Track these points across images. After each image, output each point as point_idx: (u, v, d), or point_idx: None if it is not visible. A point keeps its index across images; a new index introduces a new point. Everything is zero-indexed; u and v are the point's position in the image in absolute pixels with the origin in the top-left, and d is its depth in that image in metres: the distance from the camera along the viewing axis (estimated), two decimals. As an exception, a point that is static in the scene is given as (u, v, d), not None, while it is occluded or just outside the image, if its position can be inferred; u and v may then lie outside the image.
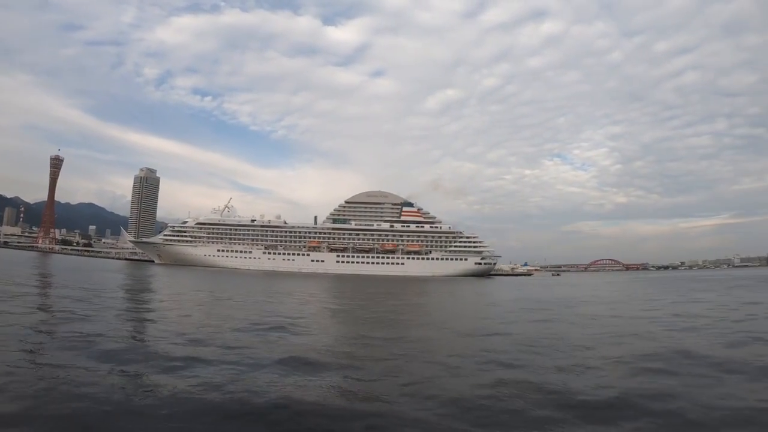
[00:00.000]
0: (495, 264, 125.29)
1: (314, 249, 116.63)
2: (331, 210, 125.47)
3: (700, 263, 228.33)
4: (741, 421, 5.89)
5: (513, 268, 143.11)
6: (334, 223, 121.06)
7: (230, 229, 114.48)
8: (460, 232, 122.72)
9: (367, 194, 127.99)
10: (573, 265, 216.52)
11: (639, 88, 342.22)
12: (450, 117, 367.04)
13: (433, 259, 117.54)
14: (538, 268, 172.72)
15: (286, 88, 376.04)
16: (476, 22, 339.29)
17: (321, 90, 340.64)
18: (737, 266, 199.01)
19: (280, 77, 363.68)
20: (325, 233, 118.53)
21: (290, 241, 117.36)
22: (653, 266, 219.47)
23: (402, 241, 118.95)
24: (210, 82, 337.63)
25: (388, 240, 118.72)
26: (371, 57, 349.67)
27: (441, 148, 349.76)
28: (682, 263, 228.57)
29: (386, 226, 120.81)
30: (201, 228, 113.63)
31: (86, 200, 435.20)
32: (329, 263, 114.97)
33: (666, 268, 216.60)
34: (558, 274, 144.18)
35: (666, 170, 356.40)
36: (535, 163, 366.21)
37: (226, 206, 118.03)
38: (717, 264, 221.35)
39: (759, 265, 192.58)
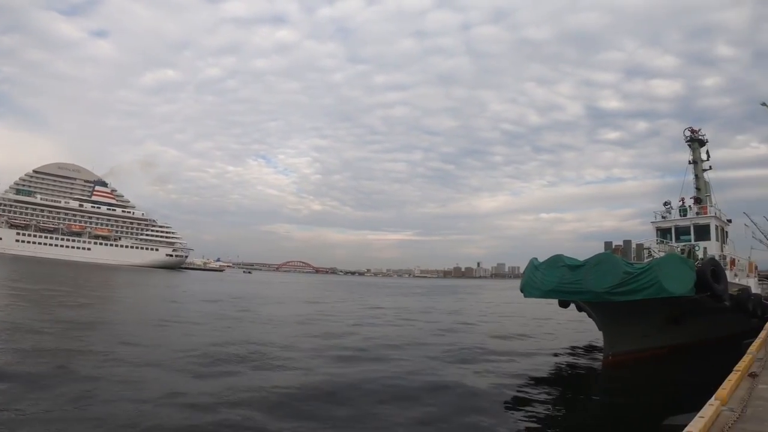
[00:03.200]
0: (187, 257, 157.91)
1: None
2: (16, 179, 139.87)
3: (385, 271, 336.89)
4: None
5: (205, 263, 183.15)
6: (17, 194, 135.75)
7: None
8: (154, 221, 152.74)
9: (59, 166, 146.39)
10: (266, 264, 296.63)
11: (351, 110, 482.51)
12: (163, 98, 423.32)
13: (122, 246, 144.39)
14: (231, 264, 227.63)
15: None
16: (217, 10, 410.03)
17: (35, 36, 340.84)
18: (417, 276, 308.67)
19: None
20: (5, 205, 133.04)
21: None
22: (341, 271, 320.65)
23: (91, 223, 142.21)
24: None
25: (75, 220, 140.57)
26: (99, 14, 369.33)
27: (147, 129, 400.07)
28: (368, 270, 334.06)
29: (75, 204, 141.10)
30: None
31: None
32: (7, 241, 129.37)
33: (353, 273, 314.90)
34: (250, 272, 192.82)
35: (361, 187, 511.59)
36: (240, 161, 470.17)
37: None
38: (400, 273, 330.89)
39: (436, 277, 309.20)
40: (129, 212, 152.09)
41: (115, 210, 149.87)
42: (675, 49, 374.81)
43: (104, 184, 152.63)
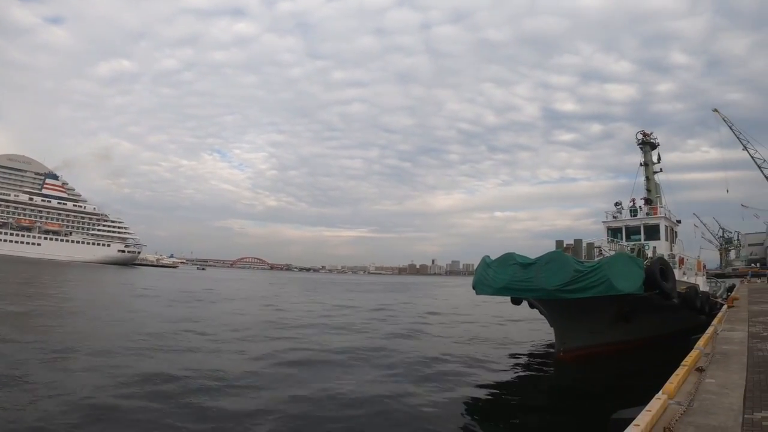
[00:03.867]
0: (139, 253, 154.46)
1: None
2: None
3: (339, 268, 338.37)
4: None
5: (158, 259, 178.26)
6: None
7: None
8: (106, 215, 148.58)
9: (8, 157, 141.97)
10: (220, 261, 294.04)
11: (309, 106, 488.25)
12: (118, 89, 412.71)
13: (73, 241, 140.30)
14: (185, 260, 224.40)
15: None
16: (176, 0, 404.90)
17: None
18: (372, 273, 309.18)
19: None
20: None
21: None
22: (296, 267, 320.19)
23: (41, 217, 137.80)
24: None
25: (25, 215, 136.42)
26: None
27: (101, 121, 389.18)
28: (323, 267, 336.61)
29: (25, 198, 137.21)
30: None
31: None
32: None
33: (308, 270, 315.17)
34: (203, 268, 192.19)
35: (317, 183, 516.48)
36: (194, 155, 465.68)
37: None
38: (355, 270, 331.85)
39: (390, 274, 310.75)
40: (80, 206, 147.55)
41: (66, 204, 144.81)
42: (631, 55, 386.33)
43: (55, 177, 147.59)
